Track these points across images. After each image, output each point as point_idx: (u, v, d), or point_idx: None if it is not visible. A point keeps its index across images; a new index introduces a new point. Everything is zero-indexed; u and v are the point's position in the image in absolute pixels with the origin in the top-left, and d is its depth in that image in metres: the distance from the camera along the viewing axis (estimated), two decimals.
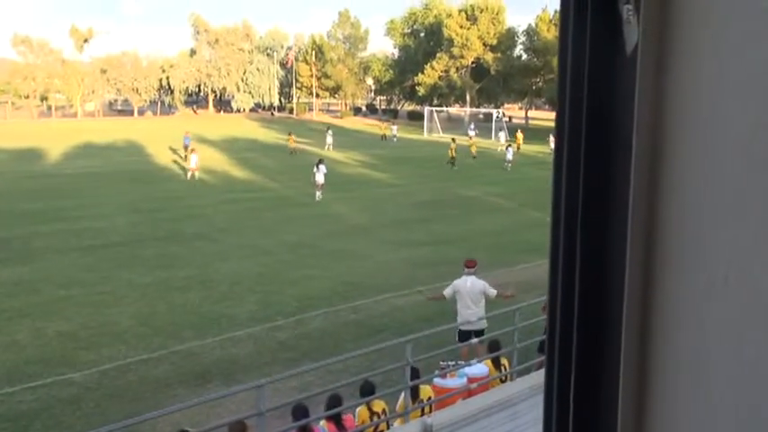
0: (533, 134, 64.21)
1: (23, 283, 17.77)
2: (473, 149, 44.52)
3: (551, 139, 48.54)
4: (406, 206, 29.68)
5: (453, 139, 47.07)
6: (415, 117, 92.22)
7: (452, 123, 78.27)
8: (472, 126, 69.37)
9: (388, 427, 8.25)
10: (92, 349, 13.40)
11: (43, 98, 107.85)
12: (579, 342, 0.99)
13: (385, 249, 21.67)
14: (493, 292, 12.03)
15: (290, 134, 52.13)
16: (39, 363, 12.71)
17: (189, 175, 38.45)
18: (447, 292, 12.30)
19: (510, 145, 45.69)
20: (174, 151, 48.78)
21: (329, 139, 54.92)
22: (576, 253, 0.98)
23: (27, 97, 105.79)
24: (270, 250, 21.60)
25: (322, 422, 7.66)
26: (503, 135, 60.09)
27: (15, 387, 11.62)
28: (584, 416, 1.01)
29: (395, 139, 63.35)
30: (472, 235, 23.34)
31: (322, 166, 32.41)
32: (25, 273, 18.77)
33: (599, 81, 0.95)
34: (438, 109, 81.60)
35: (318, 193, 31.63)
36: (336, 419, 7.65)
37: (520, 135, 55.31)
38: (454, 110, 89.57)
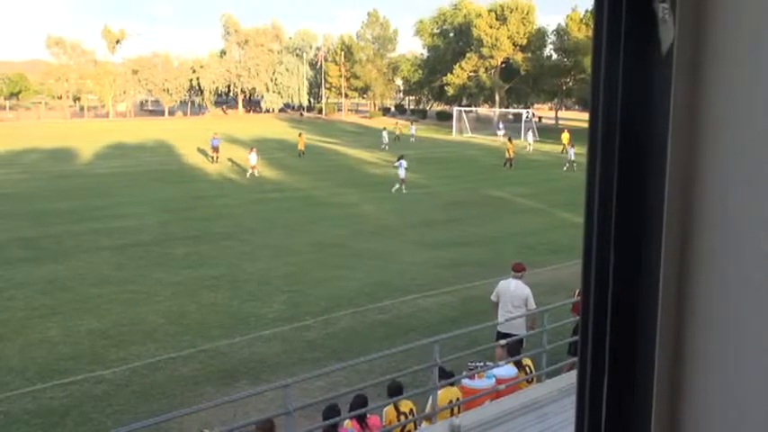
0: (561, 135, 63.78)
1: (56, 282, 18.02)
2: (510, 152, 44.16)
3: None
4: (435, 207, 29.62)
5: (510, 139, 46.96)
6: (444, 117, 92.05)
7: (481, 124, 77.96)
8: (500, 126, 69.06)
9: (415, 428, 8.22)
10: (122, 347, 13.55)
11: (76, 98, 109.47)
12: (612, 344, 0.97)
13: (412, 250, 21.64)
14: (533, 304, 11.71)
15: (300, 134, 51.75)
16: (70, 360, 12.87)
17: (249, 173, 39.28)
18: (492, 296, 12.07)
19: (573, 145, 45.20)
20: (204, 153, 49.14)
21: (385, 139, 56.08)
22: (610, 253, 0.97)
23: (60, 98, 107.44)
24: (298, 250, 21.68)
25: (347, 422, 7.66)
26: (530, 135, 59.55)
27: (47, 384, 11.78)
28: (617, 418, 0.99)
29: (412, 139, 62.61)
30: (500, 236, 23.22)
31: (402, 161, 33.45)
32: (57, 271, 19.03)
33: (634, 80, 0.93)
34: (467, 109, 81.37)
35: (400, 187, 33.11)
36: (361, 420, 7.64)
37: (566, 135, 53.27)
38: (483, 110, 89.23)
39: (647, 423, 0.94)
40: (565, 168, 43.13)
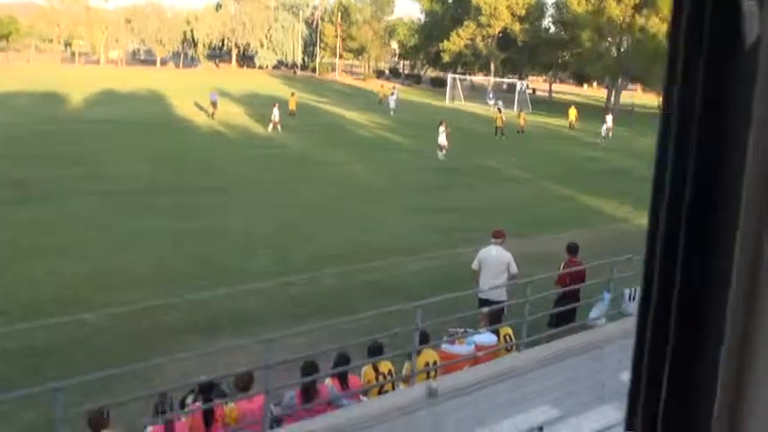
0: (556, 108, 63.74)
1: (41, 223, 17.96)
2: (499, 121, 43.88)
3: (608, 118, 47.76)
4: (426, 172, 29.60)
5: (500, 110, 46.77)
6: (438, 84, 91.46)
7: (475, 92, 77.59)
8: (491, 95, 68.67)
9: (393, 388, 8.33)
10: (106, 292, 13.58)
11: (67, 44, 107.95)
12: (676, 340, 0.95)
13: (401, 213, 21.68)
14: (515, 268, 11.87)
15: (292, 94, 50.32)
16: (54, 302, 12.90)
17: (270, 127, 39.27)
18: (474, 264, 12.15)
19: (605, 121, 45.31)
20: (200, 107, 48.56)
21: (392, 104, 54.75)
22: (678, 248, 0.94)
23: (51, 41, 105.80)
24: (287, 207, 21.68)
25: (328, 380, 7.75)
26: (521, 107, 59.17)
27: (30, 324, 11.79)
28: (675, 420, 0.97)
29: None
30: (490, 205, 23.26)
31: (441, 128, 33.13)
32: (44, 213, 18.96)
33: (715, 72, 0.90)
34: (461, 77, 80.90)
35: (442, 153, 32.75)
36: (342, 378, 7.73)
37: (573, 111, 52.67)
38: (478, 78, 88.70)
39: (707, 419, 0.92)
40: (600, 142, 43.35)
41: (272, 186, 24.77)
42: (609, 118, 47.51)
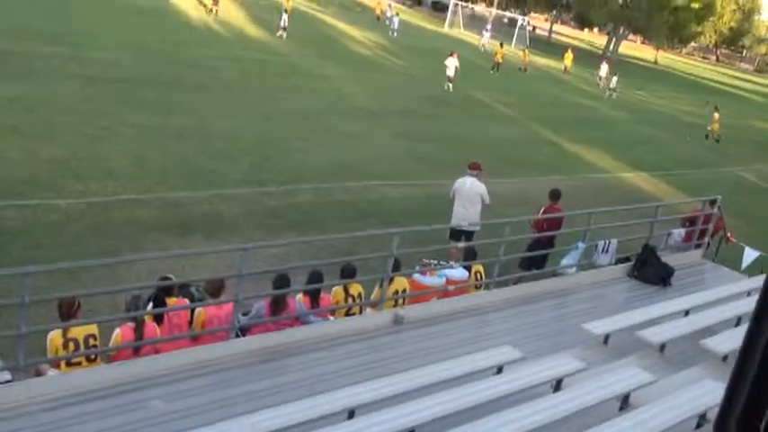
0: (555, 49, 62.98)
1: (20, 101, 17.55)
2: (499, 56, 43.10)
3: (603, 66, 47.21)
4: (415, 98, 29.25)
5: (501, 44, 45.91)
6: (439, 8, 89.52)
7: (475, 21, 76.00)
8: (488, 27, 67.45)
9: (360, 312, 8.38)
10: (80, 180, 13.40)
11: None
12: None
13: (386, 137, 21.51)
14: (488, 199, 12.04)
15: None
16: (27, 183, 12.71)
17: (278, 33, 38.19)
18: (450, 193, 12.27)
19: (615, 73, 43.82)
20: (201, 2, 46.82)
21: (395, 24, 52.96)
22: None
23: None
24: (272, 115, 21.39)
25: (299, 296, 7.77)
26: (521, 44, 58.24)
27: (2, 202, 11.63)
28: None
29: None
30: (476, 139, 23.11)
31: (451, 59, 32.08)
32: (23, 91, 18.50)
33: None
34: (464, 4, 79.29)
35: (448, 85, 31.84)
36: (313, 296, 7.76)
37: (569, 55, 51.35)
38: (480, 8, 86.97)
39: None
40: (606, 96, 42.24)
41: (261, 93, 24.35)
42: (604, 67, 47.12)
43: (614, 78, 42.38)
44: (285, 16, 39.05)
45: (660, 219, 11.56)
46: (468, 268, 9.67)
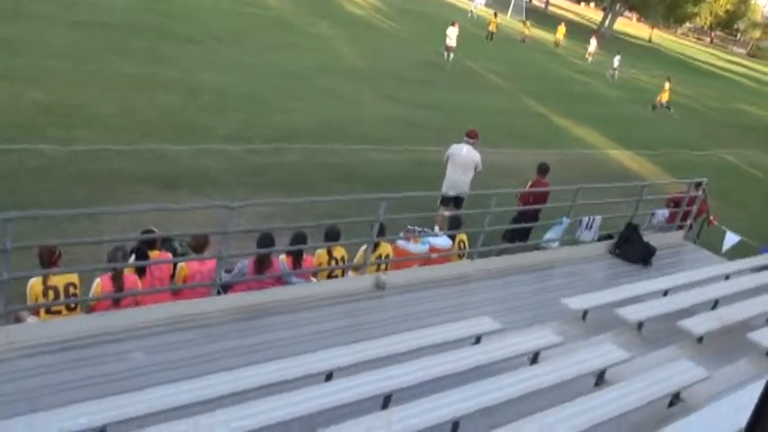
0: (550, 21, 62.58)
1: (8, 44, 17.26)
2: (493, 26, 42.70)
3: (593, 42, 46.99)
4: (408, 62, 29.03)
5: (495, 14, 45.55)
6: None
7: None
8: None
9: (343, 275, 8.40)
10: (66, 127, 13.26)
11: None
12: None
13: (376, 100, 21.38)
14: (481, 167, 12.18)
15: None
16: (12, 128, 12.56)
17: None
18: (444, 157, 12.33)
19: (619, 52, 43.23)
20: None
21: None
22: None
23: None
24: (262, 71, 21.18)
25: (282, 256, 7.77)
26: (519, 15, 57.77)
27: None
28: None
29: None
30: (466, 107, 23.03)
31: (452, 28, 31.28)
32: (12, 33, 18.20)
33: None
34: None
35: (448, 55, 31.14)
36: (297, 256, 7.76)
37: (562, 29, 50.96)
38: None
39: None
40: (609, 75, 41.70)
41: (253, 48, 24.08)
42: (593, 42, 47.02)
43: (617, 58, 41.85)
44: None
45: (645, 198, 11.62)
46: (453, 237, 9.70)
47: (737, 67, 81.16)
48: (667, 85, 34.04)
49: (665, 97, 33.68)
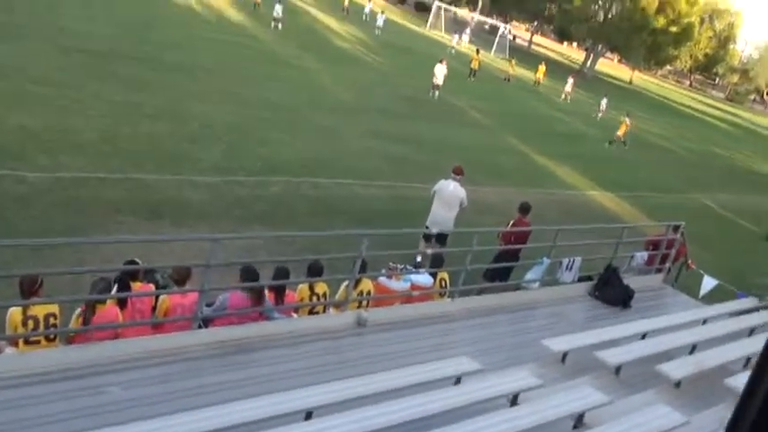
0: (533, 60, 63.38)
1: None
2: (475, 63, 43.15)
3: (570, 81, 47.78)
4: (392, 97, 29.28)
5: (478, 51, 46.06)
6: (422, 8, 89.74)
7: (457, 25, 76.38)
8: (467, 32, 67.69)
9: (324, 311, 8.39)
10: (50, 153, 13.22)
11: None
12: None
13: (361, 134, 21.50)
14: (466, 203, 12.36)
15: None
16: None
17: (273, 25, 37.92)
18: (431, 191, 12.50)
19: (605, 95, 43.85)
20: None
21: (380, 23, 52.26)
22: None
23: None
24: (248, 103, 21.26)
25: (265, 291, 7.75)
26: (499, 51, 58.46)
27: None
28: None
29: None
30: (449, 144, 23.22)
31: (440, 66, 31.69)
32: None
33: None
34: (447, 7, 79.42)
35: (433, 92, 31.58)
36: (279, 291, 7.75)
37: (542, 68, 51.43)
38: (463, 12, 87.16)
39: None
40: (594, 116, 42.36)
41: (238, 79, 24.19)
42: (570, 81, 47.79)
43: (604, 101, 42.55)
44: (278, 6, 38.43)
45: (624, 240, 11.74)
46: (434, 275, 9.74)
47: (716, 111, 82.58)
48: (628, 120, 34.60)
49: (623, 131, 34.13)
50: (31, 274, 6.61)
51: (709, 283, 12.49)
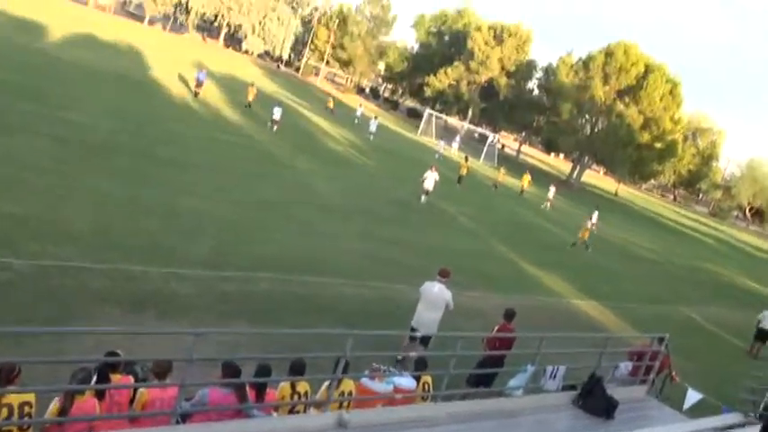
0: (521, 169, 64.62)
1: None
2: (463, 170, 44.03)
3: (552, 189, 48.69)
4: (383, 200, 29.68)
5: (466, 158, 47.10)
6: (414, 115, 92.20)
7: (447, 133, 78.28)
8: (457, 139, 69.29)
9: (305, 411, 8.28)
10: (38, 241, 13.25)
11: None
12: None
13: (350, 236, 21.67)
14: (452, 306, 12.40)
15: (251, 84, 48.44)
16: None
17: (269, 125, 38.71)
18: (419, 294, 12.59)
19: (597, 208, 43.65)
20: (184, 81, 47.19)
21: (373, 128, 53.95)
22: None
23: None
24: (240, 200, 21.49)
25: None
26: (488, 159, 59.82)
27: None
28: None
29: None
30: (437, 248, 23.41)
31: (430, 172, 32.14)
32: None
33: None
34: (438, 115, 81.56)
35: (425, 198, 31.75)
36: (260, 389, 7.66)
37: (527, 177, 52.02)
38: (453, 120, 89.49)
39: None
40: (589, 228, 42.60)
41: (233, 176, 24.54)
42: (552, 189, 48.68)
43: (595, 214, 42.71)
44: (277, 109, 39.27)
45: (609, 350, 11.72)
46: (417, 378, 9.66)
47: (701, 226, 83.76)
48: (589, 224, 35.11)
49: (586, 235, 34.45)
50: (10, 362, 6.53)
51: (693, 396, 12.40)
